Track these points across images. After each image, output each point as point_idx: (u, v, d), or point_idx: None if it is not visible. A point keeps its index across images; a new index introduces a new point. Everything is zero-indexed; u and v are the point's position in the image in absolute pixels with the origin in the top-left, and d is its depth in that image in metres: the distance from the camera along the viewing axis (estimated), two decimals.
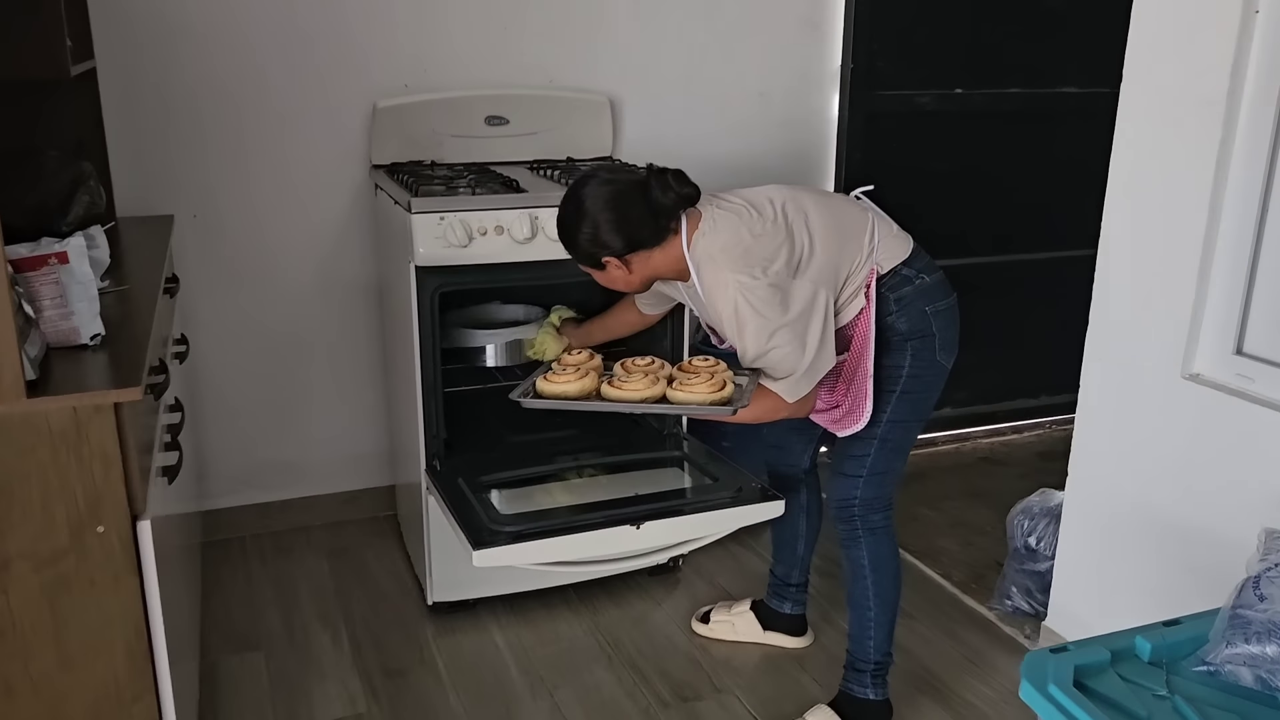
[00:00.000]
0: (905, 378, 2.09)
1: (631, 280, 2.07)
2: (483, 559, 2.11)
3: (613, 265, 2.03)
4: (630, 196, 2.00)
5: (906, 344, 2.08)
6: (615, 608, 2.76)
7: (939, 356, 2.11)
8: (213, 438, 3.02)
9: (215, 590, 2.81)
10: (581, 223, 2.01)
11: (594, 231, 2.00)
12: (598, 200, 2.00)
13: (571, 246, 2.06)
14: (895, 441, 2.15)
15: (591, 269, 2.09)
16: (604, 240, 2.00)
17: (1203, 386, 2.10)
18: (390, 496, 3.23)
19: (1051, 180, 3.74)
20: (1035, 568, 2.57)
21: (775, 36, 3.26)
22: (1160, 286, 2.16)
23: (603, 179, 2.04)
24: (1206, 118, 2.02)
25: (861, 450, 2.15)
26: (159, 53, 2.71)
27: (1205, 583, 2.13)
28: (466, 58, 2.97)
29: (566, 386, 2.06)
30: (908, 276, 2.07)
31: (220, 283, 2.92)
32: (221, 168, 2.84)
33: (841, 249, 2.03)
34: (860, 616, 2.24)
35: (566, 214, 2.05)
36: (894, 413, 2.11)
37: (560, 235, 2.08)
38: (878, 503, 2.20)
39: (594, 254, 2.02)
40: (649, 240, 2.01)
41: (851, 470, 2.18)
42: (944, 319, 2.11)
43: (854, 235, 2.06)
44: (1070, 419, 4.12)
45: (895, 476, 2.22)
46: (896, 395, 2.10)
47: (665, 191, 1.98)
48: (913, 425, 2.17)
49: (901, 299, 2.07)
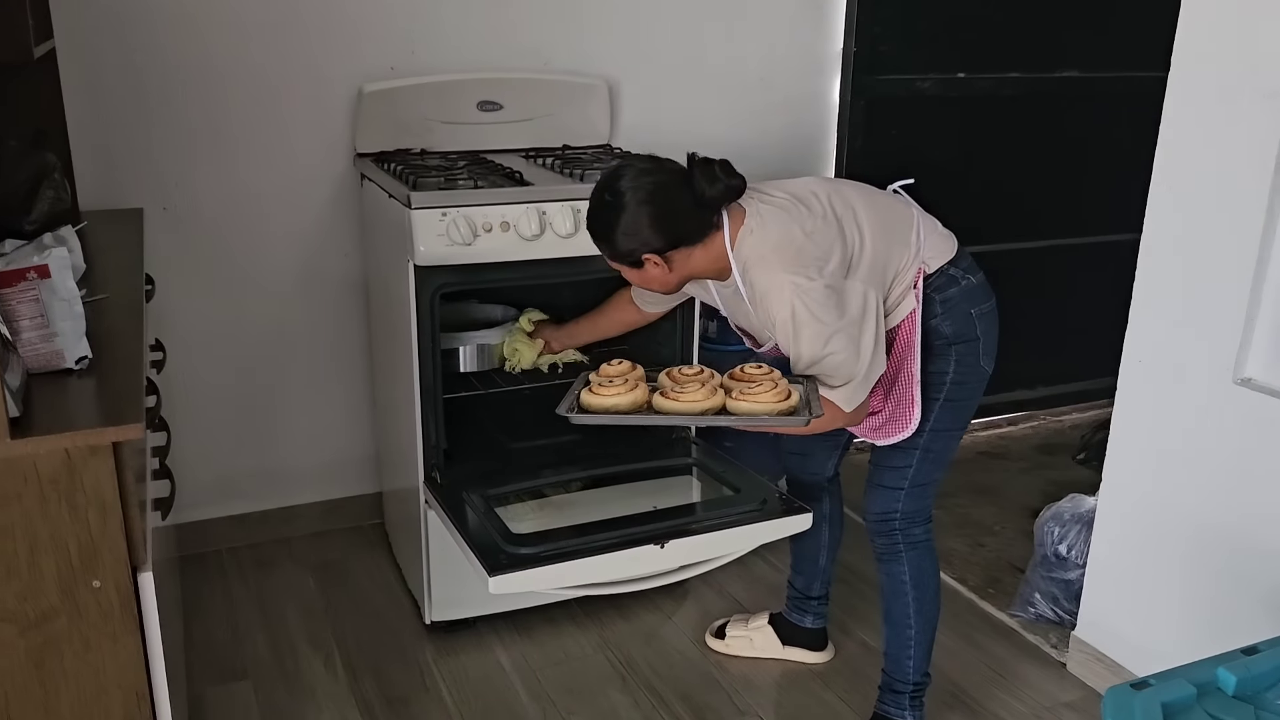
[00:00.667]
0: (950, 384, 1.98)
1: (669, 280, 1.90)
2: (500, 585, 1.96)
3: (651, 264, 1.86)
4: (673, 189, 1.83)
5: (951, 348, 1.96)
6: (623, 622, 2.62)
7: (982, 361, 2.00)
8: (186, 445, 2.79)
9: (195, 612, 2.62)
10: (620, 217, 1.83)
11: (635, 227, 1.82)
12: (639, 192, 1.82)
13: (607, 243, 1.88)
14: (938, 452, 2.04)
15: (627, 267, 1.91)
16: (645, 237, 1.83)
17: (1255, 392, 2.00)
18: (376, 504, 3.05)
19: (1050, 167, 3.66)
20: (1064, 575, 2.48)
21: (776, 19, 3.11)
22: (1210, 286, 2.06)
23: (641, 169, 1.86)
24: (1267, 111, 1.91)
25: (903, 461, 2.03)
26: (123, 32, 2.49)
27: (1255, 599, 2.05)
28: (457, 39, 2.77)
29: (618, 400, 1.86)
30: (954, 277, 1.95)
31: (193, 280, 2.71)
32: (193, 156, 2.63)
33: (890, 247, 1.90)
34: (899, 635, 2.13)
35: (603, 207, 1.86)
36: (937, 421, 2.00)
37: (594, 230, 1.90)
38: (919, 515, 2.09)
39: (633, 251, 1.85)
40: (693, 236, 1.85)
41: (892, 482, 2.06)
42: (988, 322, 1.99)
43: (901, 232, 1.93)
44: (1064, 410, 4.15)
45: (936, 487, 2.10)
46: (940, 403, 1.98)
47: (712, 183, 1.82)
48: (955, 434, 2.05)
49: (948, 300, 1.94)
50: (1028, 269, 3.71)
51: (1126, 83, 3.52)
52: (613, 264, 1.93)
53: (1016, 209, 3.66)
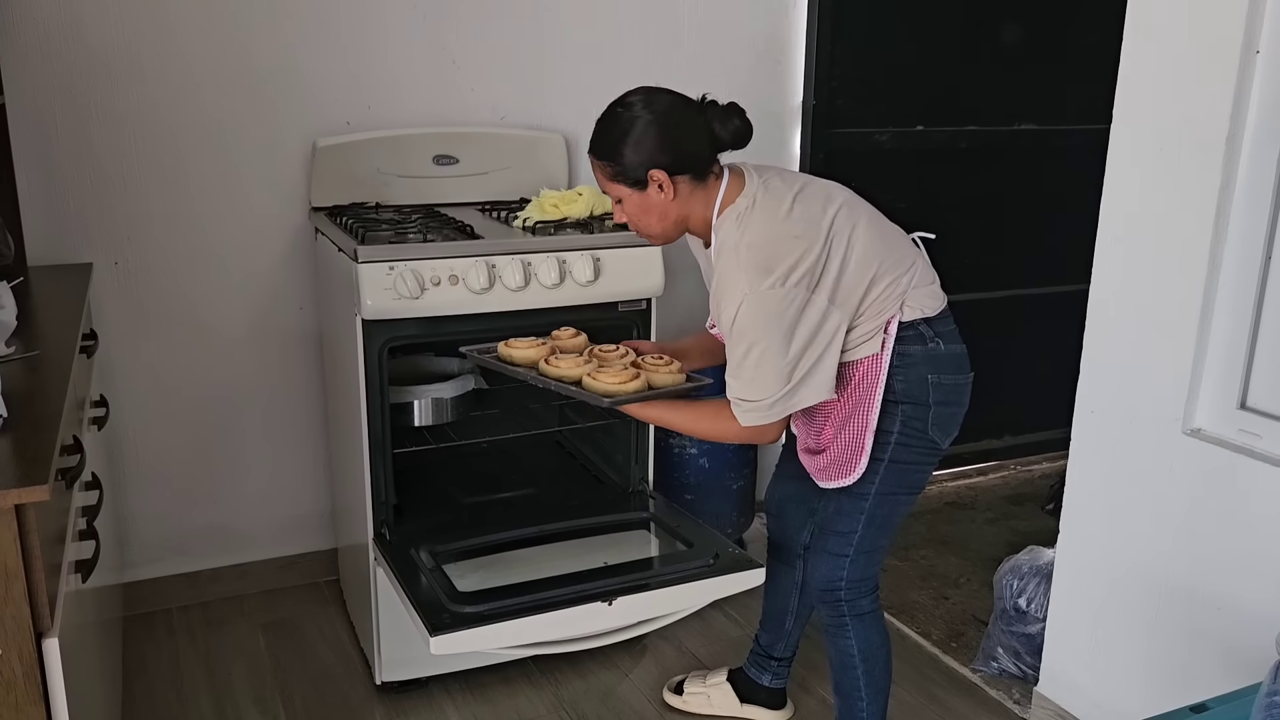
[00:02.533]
0: (894, 444, 1.91)
1: (669, 211, 1.82)
2: (441, 645, 1.92)
3: (655, 185, 1.79)
4: (688, 113, 1.80)
5: (898, 407, 1.90)
6: (579, 679, 2.57)
7: (931, 432, 1.92)
8: (135, 502, 2.77)
9: (138, 674, 2.55)
10: (634, 126, 1.77)
11: (645, 139, 1.76)
12: (657, 105, 1.78)
13: (612, 156, 1.80)
14: (883, 517, 1.98)
15: (627, 189, 1.82)
16: (654, 150, 1.76)
17: (1205, 443, 2.00)
18: (332, 560, 3.00)
19: (1010, 218, 3.68)
20: (1025, 630, 2.44)
21: (732, 74, 3.13)
22: (1157, 337, 2.06)
23: (655, 89, 1.81)
24: (1205, 162, 1.92)
25: (849, 526, 1.98)
26: (74, 87, 2.48)
27: (1212, 651, 2.02)
28: (413, 94, 2.78)
29: (517, 353, 2.03)
30: (922, 335, 1.89)
31: (144, 335, 2.68)
32: (146, 211, 2.61)
33: (876, 273, 1.84)
34: (850, 708, 2.08)
35: (615, 117, 1.80)
36: (883, 484, 1.94)
37: (599, 140, 1.82)
38: (864, 585, 2.03)
39: (640, 165, 1.77)
40: (699, 169, 1.80)
41: (838, 549, 2.00)
42: (947, 393, 1.91)
43: (892, 269, 1.86)
44: (1035, 459, 4.13)
45: (882, 555, 2.05)
46: (885, 463, 1.92)
47: (725, 122, 1.79)
48: (902, 499, 1.99)
49: (907, 356, 1.88)
50: (991, 319, 3.72)
51: (1083, 135, 3.54)
52: (613, 188, 1.84)
53: (977, 260, 3.67)
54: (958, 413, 1.95)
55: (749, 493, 3.15)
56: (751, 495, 3.17)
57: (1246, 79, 1.86)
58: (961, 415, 1.96)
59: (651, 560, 2.37)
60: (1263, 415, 1.93)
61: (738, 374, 1.80)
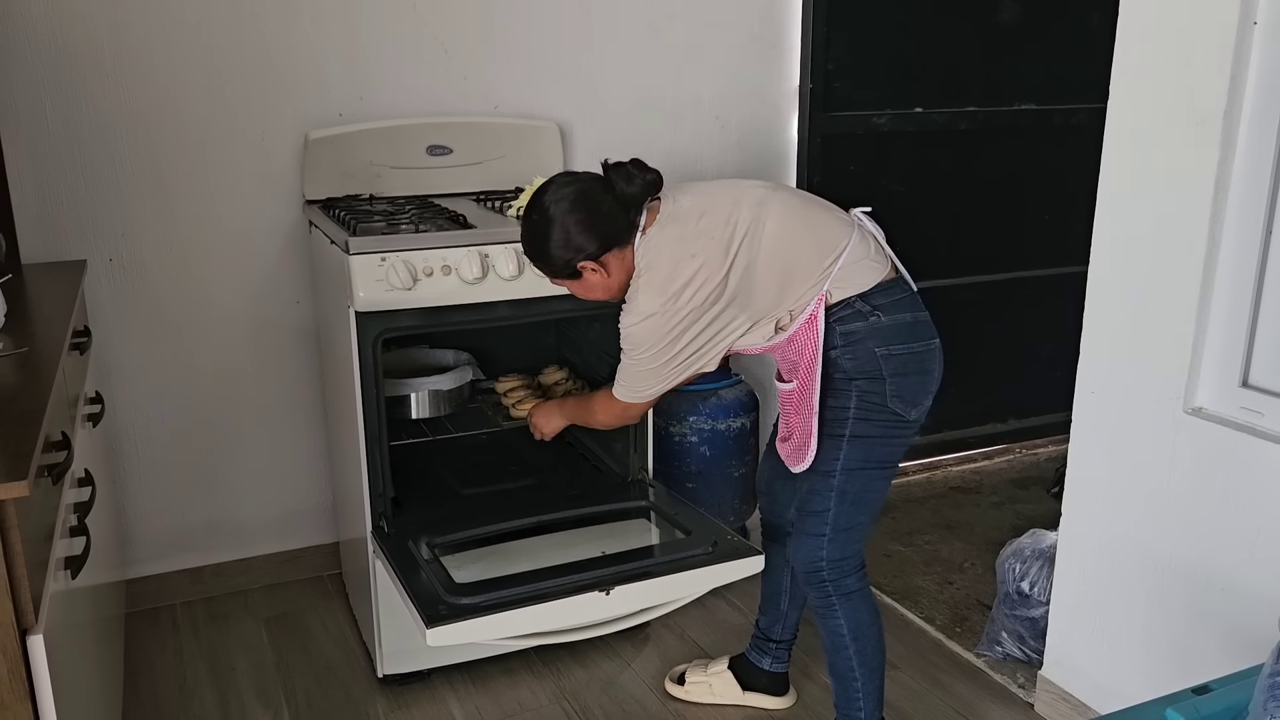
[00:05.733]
0: (853, 420, 1.92)
1: (610, 285, 1.95)
2: (437, 637, 1.92)
3: (588, 270, 1.92)
4: (595, 193, 1.89)
5: (851, 383, 1.91)
6: (581, 670, 2.56)
7: (891, 403, 1.91)
8: (136, 500, 2.77)
9: (142, 669, 2.56)
10: (550, 230, 1.89)
11: (565, 236, 1.88)
12: (562, 203, 1.88)
13: (543, 259, 1.95)
14: (855, 493, 1.97)
15: (568, 281, 1.98)
16: (577, 243, 1.88)
17: (1206, 421, 1.97)
18: (335, 554, 3.00)
19: (1010, 199, 3.65)
20: (1028, 613, 2.42)
21: (727, 58, 3.11)
22: (1157, 315, 2.03)
23: (561, 182, 1.93)
24: (1203, 136, 1.89)
25: (821, 505, 1.98)
26: (65, 83, 2.47)
27: (1214, 632, 2.00)
28: (406, 84, 2.77)
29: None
30: (860, 311, 1.89)
31: (141, 331, 2.67)
32: (140, 207, 2.60)
33: (790, 266, 1.90)
34: (846, 689, 2.07)
35: (533, 225, 1.93)
36: (848, 459, 1.94)
37: (529, 250, 1.97)
38: (847, 564, 2.02)
39: (569, 261, 1.91)
40: (622, 237, 1.91)
41: (814, 529, 1.99)
42: (902, 364, 1.90)
43: (812, 253, 1.90)
44: (1039, 443, 4.10)
45: (863, 532, 2.03)
46: (846, 440, 1.93)
47: (630, 181, 1.89)
48: (873, 474, 1.97)
49: (850, 335, 1.89)
50: (992, 301, 3.70)
51: (1085, 113, 3.52)
52: (555, 282, 2.00)
53: (977, 242, 3.64)
54: (922, 382, 1.93)
55: (751, 480, 3.13)
56: (753, 483, 3.15)
57: (1244, 51, 1.83)
58: (930, 384, 1.95)
59: (649, 549, 2.36)
60: (1265, 393, 1.90)
61: (620, 375, 2.00)
